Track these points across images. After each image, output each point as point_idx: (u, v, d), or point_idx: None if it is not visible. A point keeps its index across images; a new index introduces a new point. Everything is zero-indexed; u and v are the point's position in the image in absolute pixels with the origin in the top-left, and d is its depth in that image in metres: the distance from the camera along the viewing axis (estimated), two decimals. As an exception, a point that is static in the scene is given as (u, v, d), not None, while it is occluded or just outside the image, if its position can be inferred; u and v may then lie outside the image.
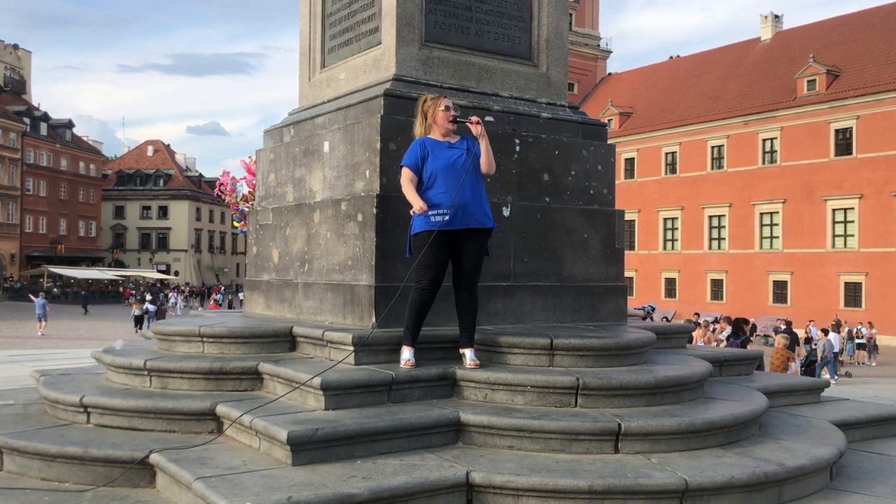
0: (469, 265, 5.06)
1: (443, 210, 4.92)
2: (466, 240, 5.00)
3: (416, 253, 5.01)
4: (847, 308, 42.09)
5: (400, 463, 4.18)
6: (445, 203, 4.92)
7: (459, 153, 5.05)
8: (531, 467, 4.16)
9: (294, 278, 6.59)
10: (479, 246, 5.07)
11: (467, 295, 5.09)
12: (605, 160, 6.78)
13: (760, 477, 4.16)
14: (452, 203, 4.90)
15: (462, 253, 5.02)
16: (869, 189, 41.93)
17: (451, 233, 4.93)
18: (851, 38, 46.20)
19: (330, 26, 6.98)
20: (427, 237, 4.91)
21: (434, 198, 4.96)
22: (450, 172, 4.98)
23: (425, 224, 4.94)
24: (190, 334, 5.74)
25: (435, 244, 4.89)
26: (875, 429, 6.05)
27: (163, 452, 4.36)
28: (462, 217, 4.93)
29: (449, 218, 4.90)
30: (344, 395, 4.64)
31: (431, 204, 4.94)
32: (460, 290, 5.10)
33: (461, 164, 5.02)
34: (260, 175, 7.35)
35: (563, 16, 6.85)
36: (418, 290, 4.99)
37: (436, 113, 5.06)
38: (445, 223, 4.90)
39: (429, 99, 5.16)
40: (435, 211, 4.92)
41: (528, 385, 4.83)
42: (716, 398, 5.34)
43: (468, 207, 4.97)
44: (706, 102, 51.20)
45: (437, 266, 4.95)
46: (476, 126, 5.06)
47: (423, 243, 4.92)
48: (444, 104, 5.08)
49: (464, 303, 5.10)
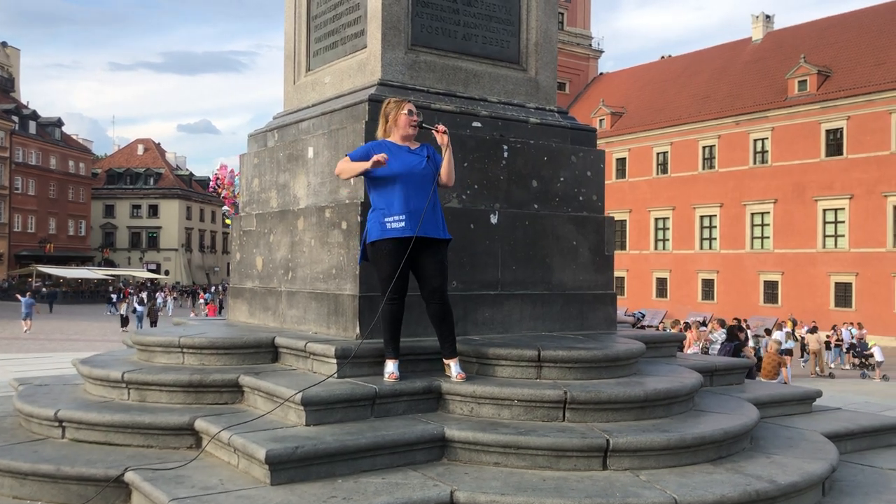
0: (434, 274, 4.88)
1: (399, 217, 4.76)
2: (427, 249, 4.83)
3: (374, 262, 4.86)
4: (837, 308, 42.19)
5: (382, 482, 4.06)
6: (401, 210, 4.76)
7: (419, 160, 4.89)
8: (517, 486, 4.05)
9: (278, 286, 6.46)
10: (440, 254, 4.91)
11: (439, 305, 4.91)
12: (594, 166, 6.67)
13: (752, 495, 4.06)
14: (406, 210, 4.75)
15: (424, 263, 4.85)
16: (859, 189, 41.98)
17: (410, 241, 4.74)
18: (842, 38, 46.26)
19: (315, 29, 6.85)
20: (385, 245, 4.77)
21: (391, 203, 4.79)
22: (408, 179, 4.81)
23: (381, 232, 4.78)
24: (170, 345, 5.60)
25: (394, 253, 4.74)
26: (867, 440, 5.97)
27: (138, 471, 4.23)
28: (422, 226, 4.74)
29: (405, 225, 4.75)
30: (326, 411, 4.51)
31: (386, 210, 4.78)
32: (431, 300, 4.92)
33: (420, 170, 4.85)
34: (244, 180, 7.22)
35: (552, 19, 6.74)
36: (387, 301, 4.84)
37: (398, 116, 4.91)
38: (401, 230, 4.75)
39: (392, 101, 5.00)
40: (390, 218, 4.77)
41: (515, 399, 4.72)
42: (707, 410, 5.24)
43: (429, 216, 4.80)
44: (698, 102, 51.20)
45: (399, 275, 4.77)
46: (442, 136, 4.92)
47: (382, 252, 4.78)
48: (407, 108, 4.94)
49: (437, 313, 4.93)
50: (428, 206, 4.75)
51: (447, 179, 4.94)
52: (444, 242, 4.91)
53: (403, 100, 5.00)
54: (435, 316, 4.92)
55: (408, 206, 4.74)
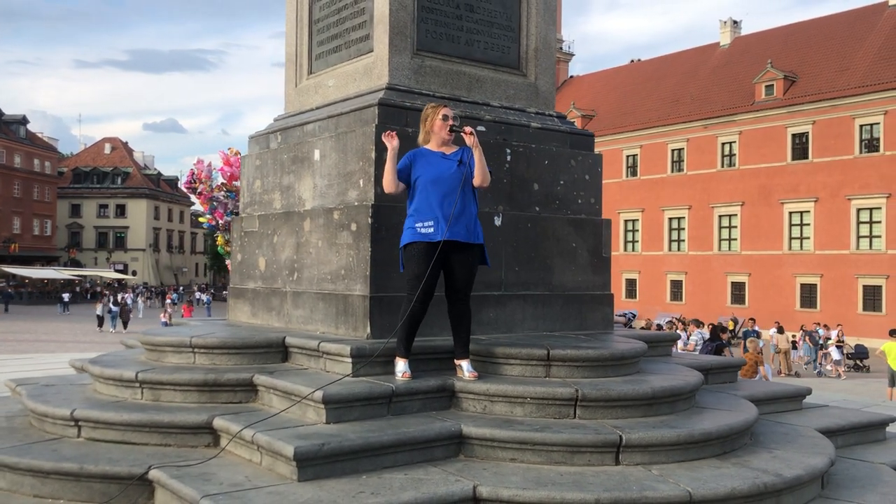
0: (461, 277, 5.03)
1: (427, 222, 4.89)
2: (457, 252, 4.96)
3: (405, 264, 4.99)
4: (803, 309, 43.02)
5: (405, 477, 4.17)
6: (431, 215, 4.89)
7: (450, 165, 5.01)
8: (536, 480, 4.18)
9: (282, 287, 6.53)
10: (470, 259, 5.04)
11: (461, 306, 5.07)
12: (592, 170, 6.83)
13: (760, 488, 4.23)
14: (436, 215, 4.88)
15: (453, 265, 4.98)
16: (824, 193, 42.89)
17: (440, 244, 4.87)
18: (808, 44, 47.23)
19: (318, 32, 6.93)
20: (416, 249, 4.90)
21: (421, 209, 4.93)
22: (438, 183, 4.94)
23: (412, 236, 4.91)
24: (181, 345, 5.65)
25: (424, 256, 4.87)
26: (856, 435, 6.20)
27: (163, 468, 4.29)
28: (449, 230, 4.87)
29: (434, 230, 4.87)
30: (345, 409, 4.61)
31: (418, 214, 4.91)
32: (453, 301, 5.08)
33: (448, 175, 4.98)
34: (245, 181, 7.27)
35: (551, 26, 6.90)
36: (410, 301, 4.96)
37: (434, 121, 5.04)
38: (430, 235, 4.87)
39: (429, 107, 5.14)
40: (421, 222, 4.90)
41: (528, 397, 4.85)
42: (707, 407, 5.42)
43: (457, 220, 4.90)
44: (667, 106, 51.91)
45: (426, 277, 4.89)
46: (469, 136, 5.04)
47: (413, 255, 4.91)
48: (442, 113, 5.06)
49: (457, 314, 5.08)
50: (454, 210, 4.86)
51: (480, 181, 5.00)
52: (476, 247, 5.03)
53: (439, 105, 5.13)
54: (455, 316, 5.05)
55: (437, 210, 4.86)
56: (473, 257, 5.04)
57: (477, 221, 5.03)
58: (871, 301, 41.21)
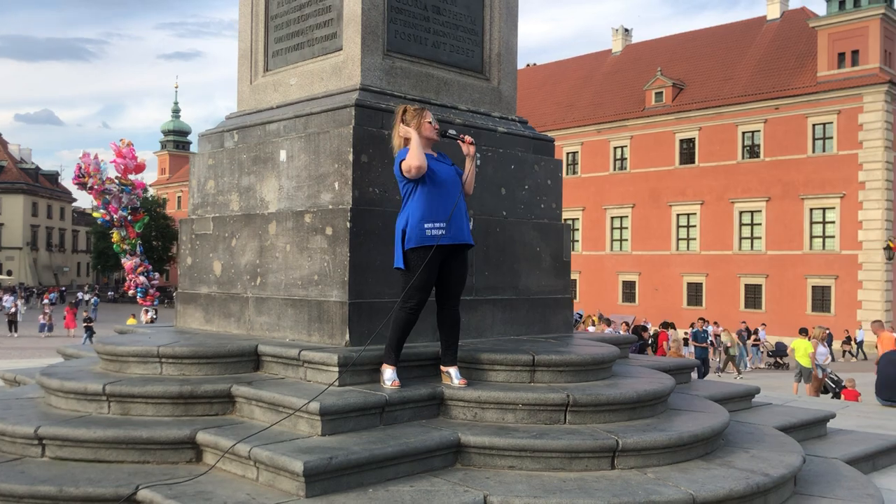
0: (457, 282, 5.02)
1: (440, 224, 4.82)
2: (455, 257, 4.95)
3: (411, 268, 4.84)
4: (689, 307, 44.96)
5: (413, 489, 4.08)
6: (442, 217, 4.82)
7: (449, 168, 4.99)
8: (543, 488, 4.18)
9: (243, 292, 6.28)
10: (465, 262, 5.06)
11: (454, 312, 5.03)
12: (553, 175, 6.90)
13: (754, 488, 4.37)
14: (446, 218, 4.82)
15: (451, 270, 4.95)
16: (709, 196, 45.00)
17: (445, 249, 4.84)
18: (695, 53, 49.44)
19: (275, 29, 6.70)
20: (426, 252, 4.77)
21: (431, 209, 4.83)
22: (444, 187, 4.89)
23: (423, 239, 4.78)
24: (147, 355, 5.33)
25: (432, 261, 4.79)
26: (804, 431, 6.51)
27: (153, 487, 4.04)
28: (456, 233, 4.86)
29: (445, 233, 4.81)
30: (341, 420, 4.47)
31: (428, 217, 4.80)
32: (446, 306, 5.03)
33: (453, 179, 4.96)
34: (195, 181, 6.93)
35: (514, 31, 6.92)
36: (406, 308, 4.86)
37: (422, 124, 4.95)
38: (443, 238, 4.80)
39: (411, 109, 5.02)
40: (432, 225, 4.80)
41: (520, 403, 4.85)
42: (680, 409, 5.56)
43: (461, 224, 4.91)
44: (562, 110, 53.23)
45: (430, 284, 4.86)
46: (469, 146, 5.04)
47: (420, 259, 4.79)
48: (429, 116, 5.00)
49: (449, 320, 5.03)
50: (463, 213, 4.87)
51: (470, 188, 5.05)
52: (469, 248, 5.03)
53: (423, 108, 5.02)
54: (446, 321, 5.00)
55: (446, 214, 4.78)
56: (466, 261, 5.01)
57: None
58: (752, 299, 43.55)
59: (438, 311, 5.02)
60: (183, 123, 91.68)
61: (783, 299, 41.61)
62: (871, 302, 39.08)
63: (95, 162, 29.39)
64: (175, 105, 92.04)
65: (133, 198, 30.53)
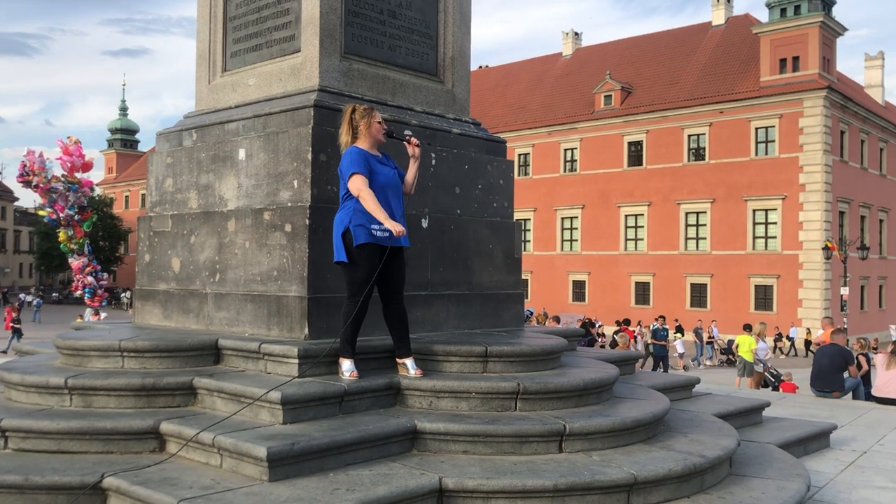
0: (399, 279, 5.21)
1: (385, 226, 4.99)
2: (397, 256, 5.14)
3: (355, 264, 5.02)
4: (637, 306, 45.85)
5: (371, 473, 4.28)
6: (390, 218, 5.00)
7: (392, 171, 5.18)
8: (495, 470, 4.41)
9: (202, 288, 6.40)
10: (404, 261, 5.24)
11: (400, 307, 5.23)
12: (505, 175, 7.16)
13: (691, 468, 4.67)
14: (396, 220, 5.00)
15: (393, 268, 5.13)
16: (656, 197, 45.99)
17: (388, 248, 5.02)
18: (642, 58, 50.44)
19: (234, 30, 6.83)
20: (370, 250, 4.97)
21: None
22: (389, 189, 5.09)
23: (370, 237, 4.97)
24: (109, 349, 5.43)
25: (376, 258, 4.98)
26: (741, 419, 6.87)
27: (119, 475, 4.17)
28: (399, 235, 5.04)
29: (388, 234, 4.99)
30: (301, 409, 4.65)
31: (373, 217, 4.96)
32: (391, 302, 5.22)
33: (396, 181, 5.17)
34: (153, 179, 7.02)
35: (467, 36, 7.16)
36: (355, 302, 5.03)
37: (371, 124, 5.12)
38: (387, 239, 4.98)
39: (360, 109, 5.17)
40: (377, 225, 4.97)
41: (473, 392, 5.08)
42: (624, 397, 5.86)
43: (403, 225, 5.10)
44: (513, 112, 53.82)
45: (369, 280, 5.03)
46: (415, 148, 5.23)
47: (366, 256, 4.97)
48: (379, 116, 5.18)
49: (397, 314, 5.23)
50: (401, 216, 5.03)
51: (410, 189, 5.26)
52: (405, 250, 5.24)
53: (372, 108, 5.19)
54: (394, 317, 5.19)
55: (393, 215, 4.96)
56: (404, 260, 5.22)
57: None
58: (697, 298, 44.61)
59: (384, 308, 5.21)
60: (131, 122, 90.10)
61: (727, 298, 42.74)
62: (811, 300, 40.40)
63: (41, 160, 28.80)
64: (122, 103, 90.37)
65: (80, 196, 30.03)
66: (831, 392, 11.10)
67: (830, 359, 11.41)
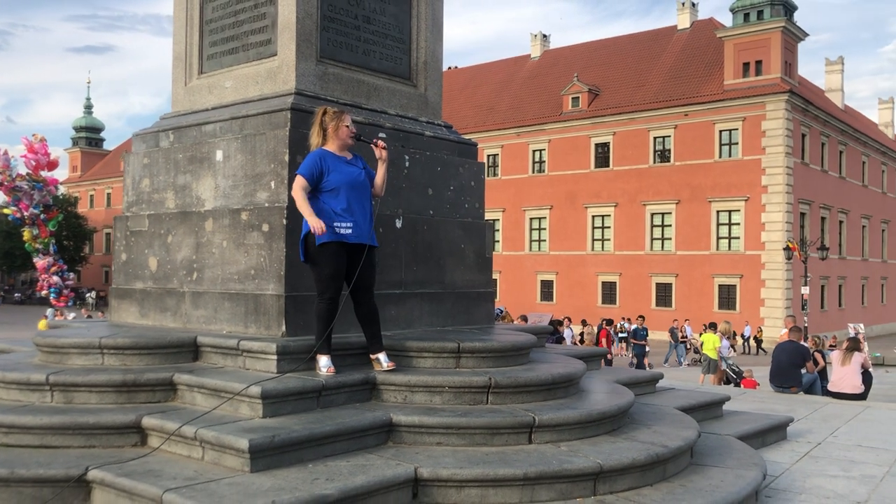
0: (367, 277, 5.36)
1: (347, 224, 5.19)
2: (362, 254, 5.26)
3: (317, 262, 5.18)
4: (604, 305, 46.44)
5: (349, 464, 4.45)
6: (349, 217, 5.19)
7: (359, 171, 5.33)
8: (468, 460, 4.60)
9: (179, 287, 6.51)
10: (372, 260, 5.40)
11: (370, 304, 5.40)
12: (476, 177, 7.37)
13: (654, 458, 4.91)
14: (355, 219, 5.20)
15: (362, 266, 5.27)
16: (623, 198, 46.61)
17: (350, 246, 5.20)
18: (610, 60, 51.06)
19: (210, 33, 6.95)
20: (332, 248, 5.13)
21: (338, 210, 5.19)
22: (353, 188, 5.24)
23: (331, 235, 5.13)
24: (89, 346, 5.54)
25: (339, 255, 5.15)
26: (702, 412, 7.14)
27: (103, 468, 4.29)
28: (362, 233, 5.22)
29: (351, 232, 5.18)
30: (280, 403, 4.80)
31: (335, 216, 5.15)
32: (361, 300, 5.38)
33: (361, 181, 5.31)
34: (129, 179, 7.11)
35: (439, 41, 7.35)
36: (325, 300, 5.19)
37: (339, 127, 5.27)
38: (348, 236, 5.17)
39: (330, 112, 5.32)
40: (339, 223, 5.16)
41: (447, 386, 5.27)
42: (589, 390, 6.08)
43: (365, 225, 5.28)
44: (482, 113, 54.16)
45: (340, 276, 5.21)
46: (381, 150, 5.40)
47: (328, 254, 5.14)
48: (347, 120, 5.34)
49: (367, 312, 5.41)
50: (366, 214, 5.20)
51: (380, 190, 5.40)
52: (375, 249, 5.39)
53: (342, 111, 5.35)
54: (365, 315, 5.37)
55: (353, 214, 5.14)
56: (374, 258, 5.39)
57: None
58: (662, 297, 45.29)
59: (355, 306, 5.37)
60: (96, 120, 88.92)
61: (692, 297, 43.45)
62: (773, 300, 41.24)
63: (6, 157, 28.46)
64: (87, 101, 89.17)
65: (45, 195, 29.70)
66: (789, 388, 11.48)
67: (789, 356, 11.79)
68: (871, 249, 53.40)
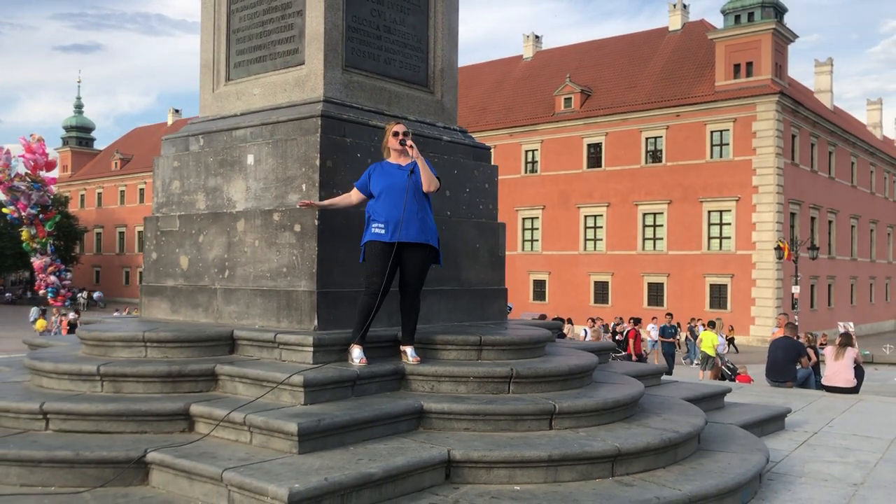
0: (410, 274, 5.73)
1: (381, 224, 5.57)
2: (409, 252, 5.66)
3: (366, 260, 5.63)
4: (596, 305, 46.86)
5: (387, 447, 4.80)
6: (383, 218, 5.57)
7: (402, 175, 5.72)
8: (495, 444, 4.96)
9: (210, 284, 6.84)
10: (421, 258, 5.73)
11: (410, 299, 5.78)
12: (490, 179, 7.73)
13: (667, 442, 5.29)
14: (388, 219, 5.57)
15: (405, 263, 5.69)
16: (615, 198, 47.07)
17: (395, 244, 5.57)
18: (602, 61, 51.53)
19: (237, 42, 7.28)
20: (372, 247, 5.56)
21: (377, 213, 5.60)
22: (390, 191, 5.63)
23: (369, 236, 5.60)
24: (133, 339, 5.87)
25: (379, 254, 5.54)
26: (706, 403, 7.53)
27: (161, 450, 4.63)
28: (400, 232, 5.56)
29: (384, 231, 5.56)
30: (319, 391, 5.15)
31: (374, 218, 5.60)
32: (404, 293, 5.78)
33: (399, 184, 5.69)
34: (159, 182, 7.44)
35: (454, 49, 7.71)
36: (367, 293, 5.59)
37: (387, 138, 5.74)
38: (381, 236, 5.56)
39: (386, 127, 5.84)
40: (376, 224, 5.57)
41: (471, 376, 5.64)
42: (603, 382, 6.46)
43: (407, 224, 5.60)
44: (475, 113, 54.48)
45: (381, 273, 5.56)
46: (410, 149, 5.77)
47: (370, 253, 5.56)
48: (393, 130, 5.74)
49: (407, 306, 5.79)
50: (403, 215, 5.54)
51: (427, 186, 5.68)
52: (428, 247, 5.71)
53: (393, 122, 5.78)
54: (405, 307, 5.74)
55: (387, 215, 5.52)
56: (425, 256, 5.73)
57: (431, 225, 5.72)
58: (654, 297, 45.77)
59: (400, 297, 5.77)
60: (86, 119, 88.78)
61: (683, 296, 43.93)
62: (764, 299, 41.79)
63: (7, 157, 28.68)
64: (78, 100, 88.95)
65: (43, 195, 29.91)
66: (785, 382, 11.89)
67: (784, 351, 12.21)
68: (859, 249, 54.10)
